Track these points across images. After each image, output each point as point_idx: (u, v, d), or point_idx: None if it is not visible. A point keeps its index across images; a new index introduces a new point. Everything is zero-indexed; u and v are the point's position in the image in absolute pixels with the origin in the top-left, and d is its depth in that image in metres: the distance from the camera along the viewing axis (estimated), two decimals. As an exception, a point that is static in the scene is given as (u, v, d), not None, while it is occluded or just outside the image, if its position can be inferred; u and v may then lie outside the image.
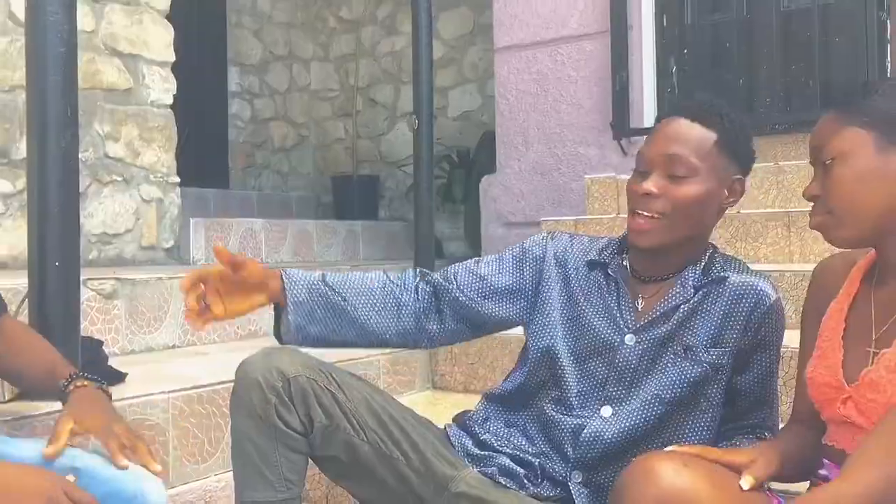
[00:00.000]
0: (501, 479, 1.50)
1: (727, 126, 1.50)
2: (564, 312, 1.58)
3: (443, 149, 5.31)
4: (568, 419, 1.51)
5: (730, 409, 1.54)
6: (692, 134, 1.48)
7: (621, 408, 1.50)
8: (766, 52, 3.81)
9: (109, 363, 2.07)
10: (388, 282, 1.59)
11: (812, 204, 1.28)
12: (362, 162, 6.03)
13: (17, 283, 2.10)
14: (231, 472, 1.51)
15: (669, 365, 1.50)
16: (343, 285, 1.57)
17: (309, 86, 6.34)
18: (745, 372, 1.52)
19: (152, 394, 1.92)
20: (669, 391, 1.49)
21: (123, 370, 2.05)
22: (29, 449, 1.33)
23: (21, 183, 3.09)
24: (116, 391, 1.93)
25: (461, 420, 1.64)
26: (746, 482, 1.21)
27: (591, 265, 1.59)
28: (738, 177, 1.52)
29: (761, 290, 1.50)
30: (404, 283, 1.60)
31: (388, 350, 2.60)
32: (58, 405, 1.74)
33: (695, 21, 4.03)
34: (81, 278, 1.91)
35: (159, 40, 3.75)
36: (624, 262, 1.57)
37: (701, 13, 4.02)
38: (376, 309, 1.56)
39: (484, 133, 5.25)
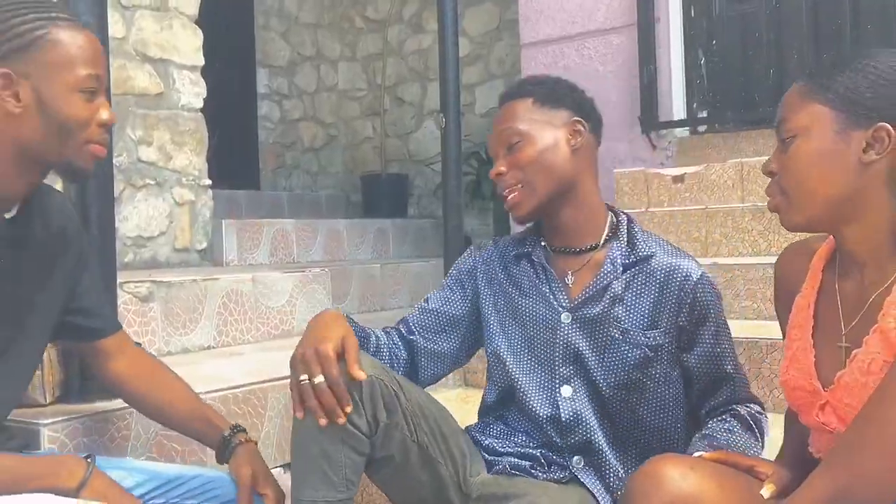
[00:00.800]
0: (513, 471, 1.56)
1: (540, 87, 1.62)
2: (501, 313, 1.65)
3: (471, 145, 5.32)
4: (541, 409, 1.58)
5: (694, 394, 1.59)
6: (512, 108, 1.61)
7: (578, 384, 1.56)
8: (796, 41, 3.77)
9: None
10: (387, 340, 1.67)
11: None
12: (391, 160, 6.06)
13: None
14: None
15: (609, 349, 1.55)
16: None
17: (337, 86, 6.38)
18: (692, 350, 1.57)
19: (189, 394, 1.95)
20: (613, 375, 1.54)
21: (160, 372, 2.08)
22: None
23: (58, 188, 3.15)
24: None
25: (468, 432, 1.69)
26: (768, 490, 1.20)
27: (517, 257, 1.66)
28: (575, 118, 1.59)
29: (685, 269, 1.56)
30: (395, 343, 1.68)
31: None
32: (99, 406, 1.78)
33: (723, 12, 4.00)
34: (118, 282, 1.95)
35: (189, 45, 3.79)
36: (543, 244, 1.64)
37: (729, 4, 3.99)
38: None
39: (512, 129, 5.24)
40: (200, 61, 3.84)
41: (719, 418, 1.55)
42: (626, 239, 1.59)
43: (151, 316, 2.56)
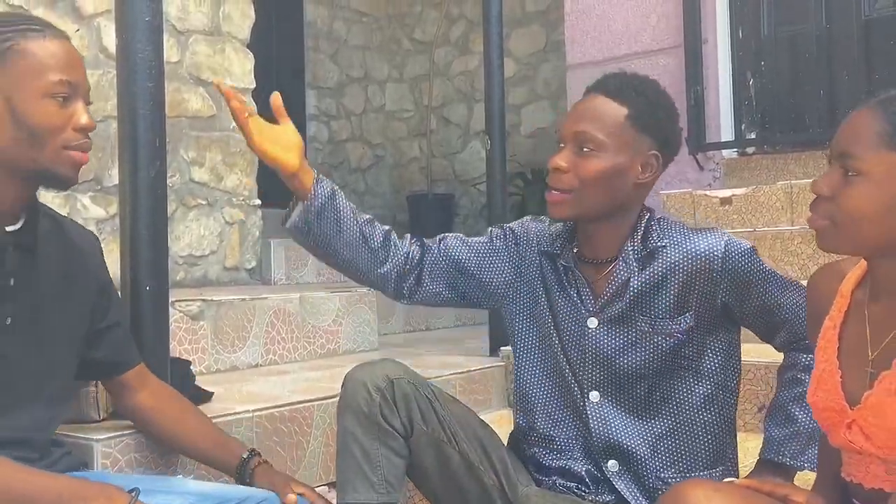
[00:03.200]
0: (561, 488, 1.58)
1: (640, 101, 1.52)
2: (531, 311, 1.64)
3: (517, 166, 5.33)
4: (571, 416, 1.59)
5: (759, 334, 1.60)
6: (602, 109, 1.52)
7: (606, 389, 1.55)
8: (847, 62, 3.72)
9: (196, 382, 2.15)
10: (388, 233, 1.66)
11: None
12: (437, 181, 6.10)
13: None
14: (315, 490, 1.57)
15: (641, 343, 1.54)
16: (352, 213, 1.64)
17: (384, 107, 6.45)
18: (743, 308, 1.54)
19: (238, 412, 1.98)
20: (649, 366, 1.54)
21: (210, 389, 2.13)
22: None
23: (113, 209, 3.24)
24: (204, 410, 2.01)
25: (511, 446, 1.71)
26: None
27: (549, 256, 1.64)
28: (654, 152, 1.53)
29: (707, 248, 1.52)
30: (399, 245, 1.66)
31: (462, 369, 2.63)
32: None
33: (772, 33, 3.96)
34: (170, 300, 1.99)
35: (240, 68, 3.88)
36: (574, 250, 1.61)
37: (778, 24, 3.96)
38: (369, 249, 1.62)
39: (558, 150, 5.25)
40: (252, 84, 3.93)
41: (789, 376, 1.56)
42: (639, 236, 1.56)
43: (202, 334, 2.61)
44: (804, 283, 2.91)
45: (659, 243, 1.54)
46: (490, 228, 1.74)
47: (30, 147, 1.27)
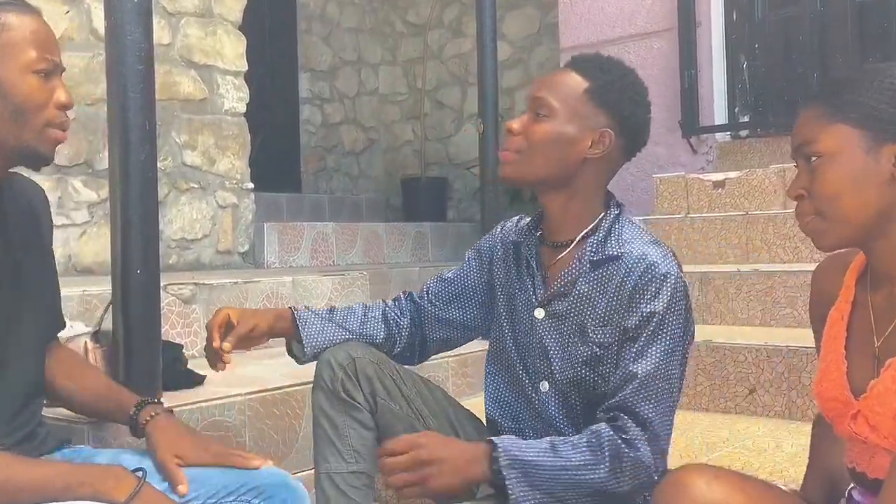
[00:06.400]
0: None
1: (603, 78, 1.51)
2: (504, 300, 1.64)
3: (510, 149, 5.32)
4: (518, 402, 1.61)
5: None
6: (564, 79, 1.53)
7: (552, 382, 1.56)
8: (840, 45, 3.72)
9: (189, 366, 2.15)
10: (385, 317, 1.71)
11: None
12: (431, 164, 6.08)
13: (102, 290, 2.19)
14: (305, 473, 1.59)
15: (566, 345, 1.53)
16: (346, 319, 1.69)
17: (377, 90, 6.42)
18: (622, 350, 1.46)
19: (230, 396, 1.99)
20: (565, 372, 1.53)
21: (201, 373, 2.13)
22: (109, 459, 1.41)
23: (104, 192, 3.23)
24: (195, 394, 2.01)
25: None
26: None
27: (515, 245, 1.64)
28: (608, 130, 1.50)
29: (651, 260, 1.46)
30: (398, 321, 1.71)
31: (455, 353, 2.63)
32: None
33: (765, 15, 3.96)
34: (161, 284, 1.99)
35: (232, 51, 3.86)
36: (538, 233, 1.60)
37: (771, 7, 3.95)
38: (378, 347, 1.67)
39: (551, 133, 5.24)
40: (244, 67, 3.91)
41: (604, 422, 1.43)
42: (602, 235, 1.53)
43: (194, 317, 2.61)
44: (797, 266, 2.90)
45: (617, 251, 1.50)
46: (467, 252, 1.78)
47: (13, 123, 1.27)
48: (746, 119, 3.99)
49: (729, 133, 4.02)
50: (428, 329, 1.73)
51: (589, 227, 1.53)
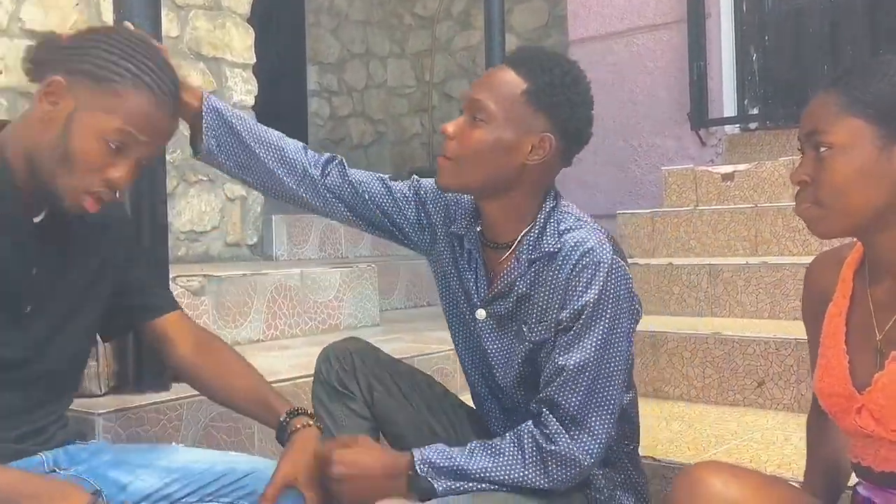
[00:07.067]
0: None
1: (543, 78, 1.41)
2: (444, 288, 1.61)
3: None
4: (489, 395, 1.61)
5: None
6: (502, 80, 1.43)
7: (488, 381, 1.57)
8: (851, 36, 3.69)
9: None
10: (300, 150, 1.60)
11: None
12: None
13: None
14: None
15: (505, 346, 1.51)
16: (254, 135, 1.57)
17: (386, 82, 6.42)
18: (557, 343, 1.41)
19: (238, 387, 1.99)
20: (507, 374, 1.51)
21: (211, 364, 2.13)
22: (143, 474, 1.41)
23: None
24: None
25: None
26: None
27: (456, 235, 1.56)
28: (548, 134, 1.41)
29: (587, 246, 1.40)
30: (315, 160, 1.61)
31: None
32: (151, 397, 1.84)
33: (775, 7, 3.94)
34: (171, 276, 2.00)
35: (241, 43, 3.86)
36: (478, 228, 1.53)
37: (782, -2, 3.93)
38: (284, 166, 1.59)
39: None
40: (252, 59, 3.91)
41: (507, 434, 1.41)
42: (538, 231, 1.46)
43: (203, 309, 2.62)
44: (807, 259, 2.89)
45: (553, 247, 1.43)
46: (413, 181, 1.63)
47: (55, 163, 1.27)
48: (756, 111, 3.98)
49: (738, 125, 4.00)
50: (342, 199, 1.62)
51: (528, 227, 1.47)
